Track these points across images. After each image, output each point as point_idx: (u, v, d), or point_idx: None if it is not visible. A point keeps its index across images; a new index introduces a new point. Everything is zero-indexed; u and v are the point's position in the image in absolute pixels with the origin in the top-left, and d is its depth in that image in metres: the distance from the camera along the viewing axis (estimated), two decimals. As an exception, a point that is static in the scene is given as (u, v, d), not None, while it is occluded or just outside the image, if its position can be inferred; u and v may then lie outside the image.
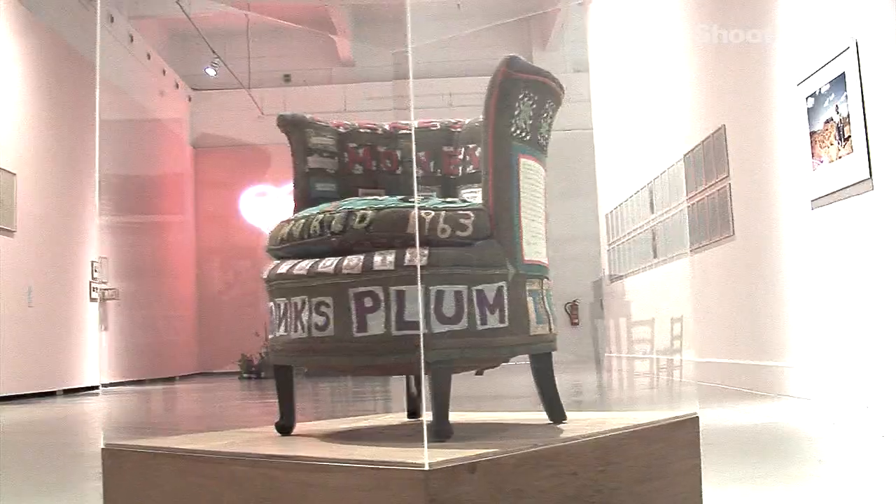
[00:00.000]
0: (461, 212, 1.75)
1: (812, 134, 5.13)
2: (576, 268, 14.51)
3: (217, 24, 13.50)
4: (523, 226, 1.83)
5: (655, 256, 8.08)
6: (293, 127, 2.13)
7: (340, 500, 1.52)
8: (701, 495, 2.08)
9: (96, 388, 10.49)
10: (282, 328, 1.84)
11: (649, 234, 8.28)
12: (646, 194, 8.34)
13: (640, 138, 8.53)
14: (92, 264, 10.61)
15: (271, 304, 1.90)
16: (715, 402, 5.21)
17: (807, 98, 5.17)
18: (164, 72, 13.43)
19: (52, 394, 9.33)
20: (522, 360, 2.01)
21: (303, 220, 1.85)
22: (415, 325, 1.68)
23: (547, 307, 1.90)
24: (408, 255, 1.70)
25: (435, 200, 1.80)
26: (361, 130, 2.20)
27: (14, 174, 8.77)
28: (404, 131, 2.25)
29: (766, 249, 5.87)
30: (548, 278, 1.94)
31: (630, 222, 9.03)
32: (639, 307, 8.55)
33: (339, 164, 2.14)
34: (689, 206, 7.11)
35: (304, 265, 1.79)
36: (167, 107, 13.87)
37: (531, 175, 1.89)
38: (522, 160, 1.86)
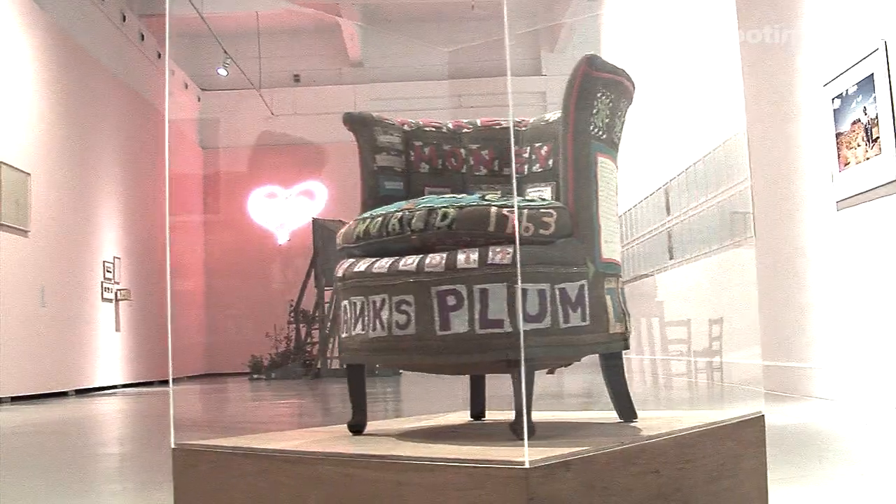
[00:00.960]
0: (543, 210, 1.75)
1: (838, 135, 5.13)
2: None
3: (226, 24, 13.49)
4: (601, 224, 1.83)
5: (672, 258, 8.07)
6: (361, 125, 2.12)
7: (434, 499, 1.52)
8: (767, 494, 2.08)
9: (108, 388, 10.48)
10: (358, 327, 1.83)
11: (665, 235, 8.28)
12: (661, 196, 8.33)
13: (655, 141, 8.52)
14: (104, 264, 10.59)
15: (345, 302, 1.89)
16: (739, 403, 5.21)
17: (833, 99, 5.16)
18: (172, 72, 13.41)
19: (64, 394, 9.31)
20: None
21: (380, 218, 1.84)
22: (498, 323, 1.68)
23: (622, 305, 1.90)
24: (491, 253, 1.70)
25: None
26: (426, 129, 2.20)
27: (28, 174, 8.76)
28: (466, 130, 2.25)
29: (787, 250, 5.87)
30: (621, 276, 1.94)
31: (645, 224, 9.02)
32: (656, 308, 8.52)
33: (405, 162, 2.13)
34: (707, 209, 7.11)
35: (384, 263, 1.79)
36: (176, 107, 13.85)
37: (606, 174, 1.89)
38: (600, 158, 1.86)
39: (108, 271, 10.66)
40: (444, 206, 1.75)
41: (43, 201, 9.03)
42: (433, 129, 2.20)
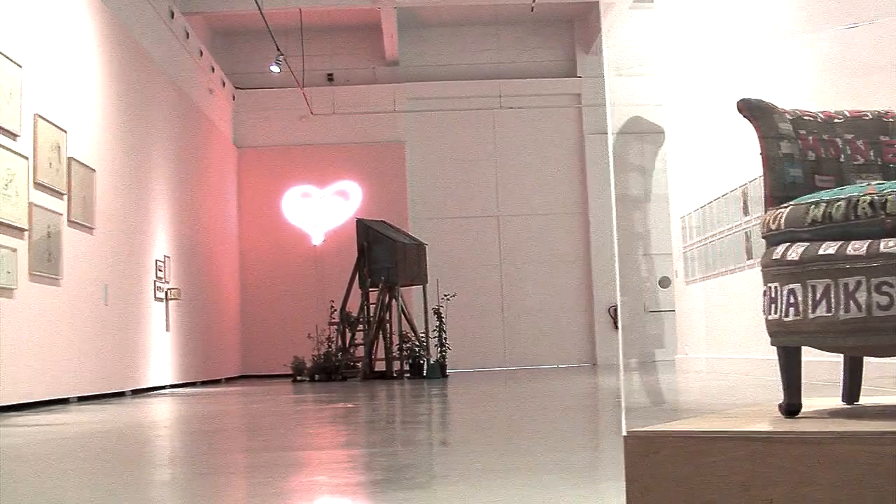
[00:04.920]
0: None
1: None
2: (624, 270, 14.62)
3: (261, 22, 13.42)
4: None
5: (750, 258, 8.15)
6: (760, 111, 2.14)
7: None
8: None
9: (159, 388, 10.36)
10: (820, 309, 1.85)
11: (741, 235, 8.35)
12: (738, 196, 8.41)
13: (730, 141, 8.59)
14: (156, 263, 10.47)
15: (795, 285, 1.90)
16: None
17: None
18: (213, 69, 13.30)
19: (121, 394, 9.19)
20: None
21: (842, 203, 1.87)
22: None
23: None
24: (974, 236, 1.75)
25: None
26: (805, 118, 2.22)
27: (94, 170, 8.65)
28: (838, 120, 2.27)
29: None
30: None
31: (715, 224, 9.10)
32: (736, 308, 8.59)
33: (799, 150, 2.16)
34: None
35: (860, 246, 1.81)
36: (215, 105, 13.73)
37: None
38: None
39: (159, 270, 10.54)
40: (920, 191, 1.78)
41: (106, 198, 8.92)
42: (810, 119, 2.23)
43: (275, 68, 12.69)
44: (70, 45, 8.31)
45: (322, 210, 14.70)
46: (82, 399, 8.17)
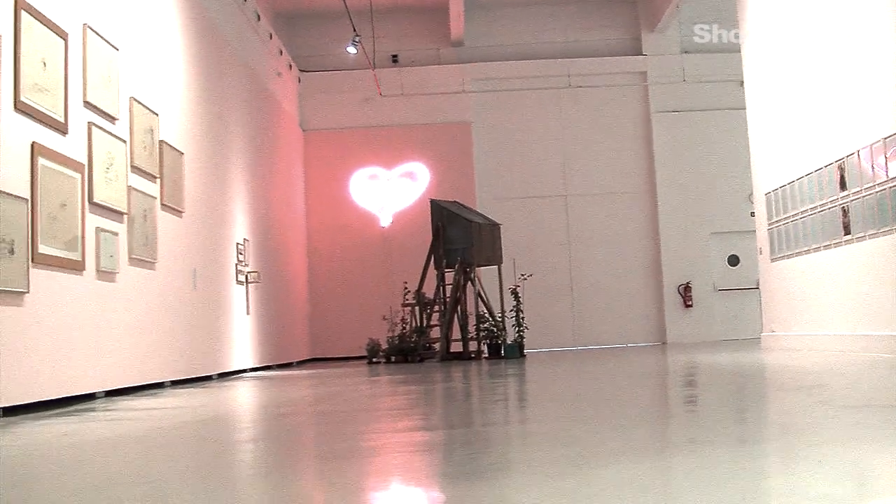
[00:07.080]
0: None
1: None
2: (693, 249, 14.48)
3: (326, 4, 13.41)
4: None
5: (847, 233, 8.01)
6: None
7: None
8: None
9: (243, 371, 10.44)
10: None
11: (837, 211, 8.20)
12: (832, 172, 8.26)
13: (823, 118, 8.42)
14: (237, 247, 10.53)
15: None
16: None
17: None
18: (280, 52, 13.30)
19: (208, 378, 9.25)
20: None
21: None
22: None
23: None
24: None
25: None
26: None
27: (182, 153, 8.69)
28: None
29: None
30: None
31: (806, 201, 8.95)
32: (829, 285, 8.45)
33: None
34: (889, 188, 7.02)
35: None
36: (283, 88, 13.75)
37: None
38: None
39: (240, 253, 10.60)
40: None
41: (192, 181, 8.96)
42: None
43: (351, 49, 12.61)
44: (157, 29, 8.33)
45: (390, 192, 14.70)
46: (175, 383, 8.22)
